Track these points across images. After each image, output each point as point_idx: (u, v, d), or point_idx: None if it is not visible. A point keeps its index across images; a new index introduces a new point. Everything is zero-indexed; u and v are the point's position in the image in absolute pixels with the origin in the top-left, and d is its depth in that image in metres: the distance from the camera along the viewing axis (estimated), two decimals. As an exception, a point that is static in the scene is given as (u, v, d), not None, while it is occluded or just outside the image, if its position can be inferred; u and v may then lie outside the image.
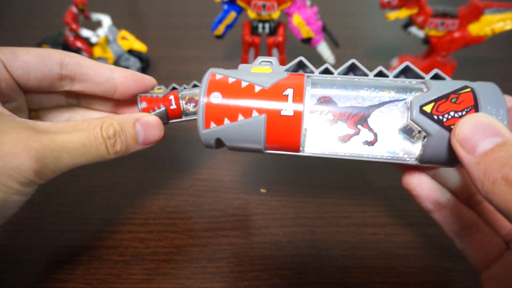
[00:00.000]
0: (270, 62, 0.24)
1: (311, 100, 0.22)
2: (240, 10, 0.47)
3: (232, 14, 0.48)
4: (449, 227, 0.26)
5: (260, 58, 0.24)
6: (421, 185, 0.25)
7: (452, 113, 0.19)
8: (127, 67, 0.52)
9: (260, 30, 0.49)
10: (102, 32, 0.48)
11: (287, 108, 0.21)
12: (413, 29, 0.48)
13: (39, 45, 0.49)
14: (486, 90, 0.20)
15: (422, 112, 0.19)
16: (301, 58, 0.23)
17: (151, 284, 0.28)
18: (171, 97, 0.30)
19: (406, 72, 0.23)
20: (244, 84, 0.21)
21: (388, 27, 0.63)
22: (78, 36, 0.48)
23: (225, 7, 0.47)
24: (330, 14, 0.67)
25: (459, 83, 0.20)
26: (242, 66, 0.23)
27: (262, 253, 0.30)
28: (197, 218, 0.33)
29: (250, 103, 0.21)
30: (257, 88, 0.21)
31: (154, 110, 0.30)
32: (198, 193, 0.36)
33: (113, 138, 0.25)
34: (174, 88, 0.33)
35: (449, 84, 0.20)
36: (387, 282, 0.28)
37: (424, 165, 0.22)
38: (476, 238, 0.25)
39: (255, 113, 0.21)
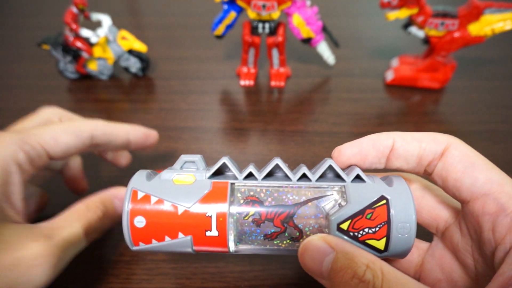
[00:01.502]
0: (194, 162, 0.24)
1: (237, 202, 0.22)
2: (240, 10, 0.47)
3: (232, 14, 0.48)
4: None
5: (184, 158, 0.24)
6: None
7: (366, 229, 0.21)
8: (127, 67, 0.52)
9: (260, 30, 0.49)
10: (102, 32, 0.48)
11: (212, 229, 0.21)
12: (413, 29, 0.48)
13: (39, 45, 0.49)
14: (400, 203, 0.21)
15: (339, 229, 0.21)
16: (225, 160, 0.23)
17: (151, 284, 0.28)
18: None
19: (330, 169, 0.23)
20: (167, 204, 0.21)
21: (388, 27, 0.63)
22: (78, 36, 0.48)
23: (225, 7, 0.47)
24: (330, 14, 0.67)
25: (377, 190, 0.21)
26: (165, 174, 0.23)
27: (262, 253, 0.30)
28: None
29: (175, 227, 0.21)
30: (180, 209, 0.21)
31: None
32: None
33: (104, 219, 0.26)
34: None
35: (367, 192, 0.21)
36: (387, 282, 0.28)
37: None
38: None
39: (180, 235, 0.21)
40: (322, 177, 0.23)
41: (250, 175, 0.23)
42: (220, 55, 0.59)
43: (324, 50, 0.52)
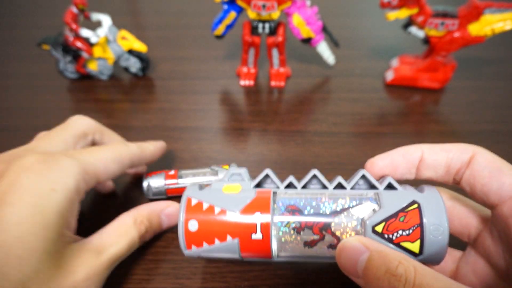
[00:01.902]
0: (240, 174, 0.26)
1: (279, 211, 0.24)
2: (240, 10, 0.47)
3: (232, 14, 0.48)
4: None
5: (232, 170, 0.27)
6: None
7: (400, 232, 0.22)
8: (127, 67, 0.52)
9: (260, 30, 0.49)
10: (102, 32, 0.48)
11: (257, 232, 0.24)
12: (413, 29, 0.48)
13: (39, 45, 0.49)
14: (431, 206, 0.22)
15: (374, 232, 0.22)
16: (268, 171, 0.26)
17: (151, 284, 0.28)
18: (172, 172, 0.34)
19: (363, 178, 0.25)
20: (217, 210, 0.24)
21: (388, 27, 0.63)
22: (78, 36, 0.48)
23: (225, 7, 0.47)
24: (330, 14, 0.67)
25: (408, 196, 0.23)
26: (215, 184, 0.26)
27: (262, 253, 0.30)
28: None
29: (224, 229, 0.24)
30: (229, 215, 0.24)
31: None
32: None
33: (146, 234, 0.28)
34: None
35: (399, 198, 0.23)
36: (387, 282, 0.28)
37: None
38: None
39: (229, 238, 0.24)
40: (356, 188, 0.25)
41: (289, 185, 0.25)
42: (220, 55, 0.59)
43: (324, 50, 0.52)
